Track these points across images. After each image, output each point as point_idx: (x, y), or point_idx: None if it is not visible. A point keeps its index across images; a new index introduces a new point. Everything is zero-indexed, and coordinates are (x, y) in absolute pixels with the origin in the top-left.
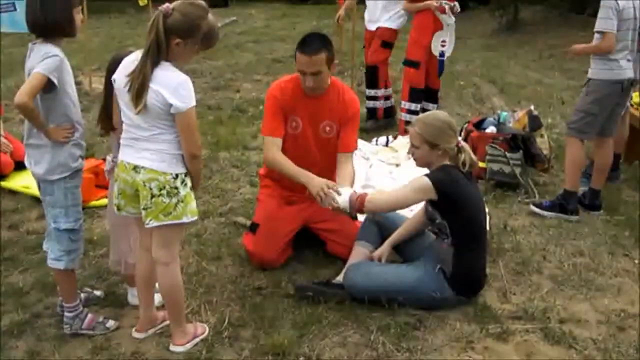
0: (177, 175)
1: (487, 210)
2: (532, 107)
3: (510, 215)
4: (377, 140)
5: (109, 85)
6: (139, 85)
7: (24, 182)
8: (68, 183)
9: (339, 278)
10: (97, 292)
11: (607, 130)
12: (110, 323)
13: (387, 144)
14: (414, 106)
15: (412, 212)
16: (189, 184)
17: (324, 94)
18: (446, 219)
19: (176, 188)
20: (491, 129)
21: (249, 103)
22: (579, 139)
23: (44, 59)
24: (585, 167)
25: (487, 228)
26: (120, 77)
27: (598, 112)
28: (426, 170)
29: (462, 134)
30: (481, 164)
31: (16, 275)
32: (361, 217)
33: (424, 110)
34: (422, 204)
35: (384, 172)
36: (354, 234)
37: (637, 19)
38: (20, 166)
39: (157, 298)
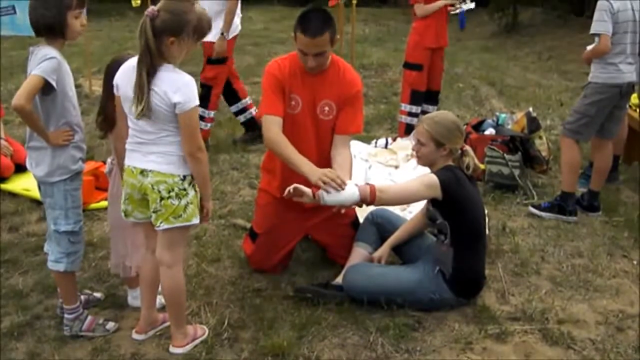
0: (184, 177)
1: (486, 211)
2: (530, 109)
3: (509, 216)
4: (376, 142)
5: (107, 89)
6: (138, 92)
7: (24, 184)
8: (68, 185)
9: (338, 279)
10: (97, 294)
11: (607, 132)
12: (110, 325)
13: (386, 146)
14: (414, 109)
15: (411, 214)
16: (195, 185)
17: (324, 71)
18: (448, 220)
19: (184, 189)
20: (490, 131)
21: None
22: (573, 139)
23: (41, 62)
24: (584, 168)
25: (487, 230)
26: (124, 85)
27: (594, 114)
28: (427, 170)
29: None
30: (480, 166)
31: (16, 277)
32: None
33: (424, 112)
34: (421, 205)
35: (383, 174)
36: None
37: (637, 22)
38: (20, 169)
39: (158, 300)
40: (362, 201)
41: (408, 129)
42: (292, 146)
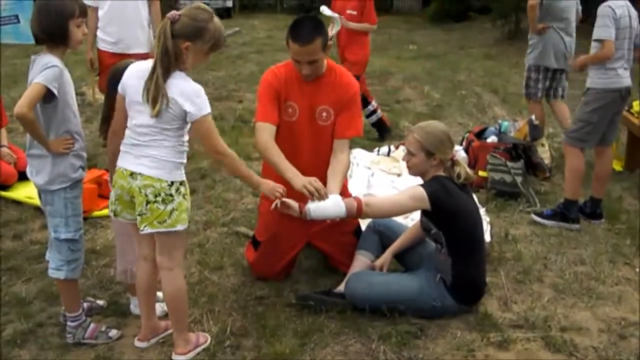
0: (172, 183)
1: (488, 219)
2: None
3: (512, 224)
4: (378, 150)
5: (109, 96)
6: (155, 91)
7: (27, 192)
8: (68, 193)
9: (340, 287)
10: (100, 302)
11: (605, 139)
12: (113, 332)
13: (388, 154)
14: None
15: (413, 222)
16: (183, 192)
17: (320, 77)
18: (441, 230)
19: (171, 195)
20: (492, 139)
21: (251, 113)
22: (578, 147)
23: (43, 70)
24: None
25: (489, 238)
26: (134, 86)
27: (597, 120)
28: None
29: (464, 143)
30: (483, 173)
31: (19, 285)
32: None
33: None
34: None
35: (386, 182)
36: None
37: (633, 28)
38: (24, 176)
39: (160, 308)
40: (349, 215)
41: None
42: (280, 152)
